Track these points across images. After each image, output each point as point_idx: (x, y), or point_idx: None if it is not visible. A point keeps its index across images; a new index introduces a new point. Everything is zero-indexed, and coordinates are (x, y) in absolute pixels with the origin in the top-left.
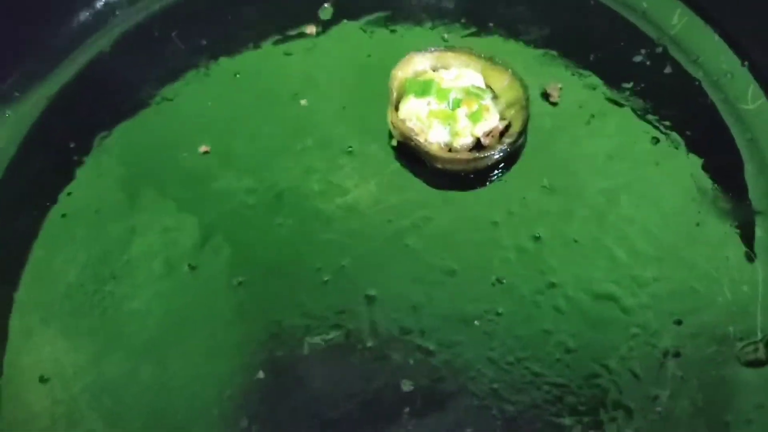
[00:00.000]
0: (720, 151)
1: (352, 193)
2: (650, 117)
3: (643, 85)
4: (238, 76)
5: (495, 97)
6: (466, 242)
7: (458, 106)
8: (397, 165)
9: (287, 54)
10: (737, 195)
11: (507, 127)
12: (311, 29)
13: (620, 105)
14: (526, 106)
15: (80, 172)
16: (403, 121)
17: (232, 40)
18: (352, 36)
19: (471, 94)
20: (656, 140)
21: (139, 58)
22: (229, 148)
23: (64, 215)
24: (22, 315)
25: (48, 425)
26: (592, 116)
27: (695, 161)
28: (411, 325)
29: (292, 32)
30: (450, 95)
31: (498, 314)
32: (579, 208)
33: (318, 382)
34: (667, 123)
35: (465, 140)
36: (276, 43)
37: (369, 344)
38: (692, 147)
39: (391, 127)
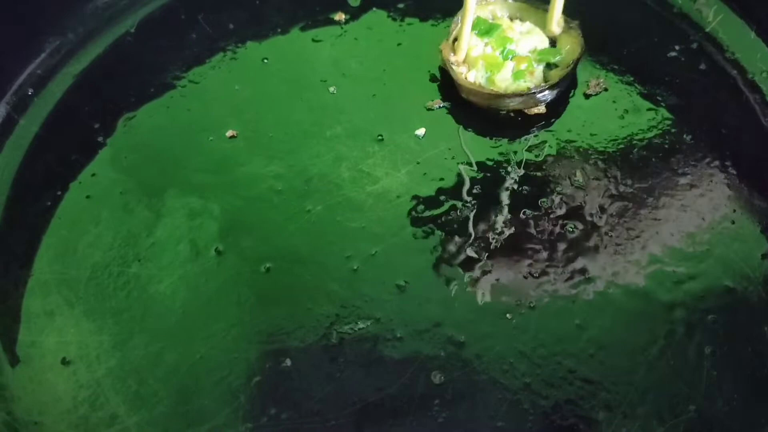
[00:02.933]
0: (755, 149)
1: (383, 182)
2: (684, 113)
3: (677, 81)
4: (265, 61)
5: (554, 65)
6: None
7: (508, 59)
8: (428, 154)
9: (316, 40)
10: None
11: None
12: (340, 16)
13: (654, 101)
14: (571, 67)
15: (104, 153)
16: (451, 48)
17: (259, 25)
18: (381, 24)
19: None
20: (691, 137)
21: (165, 40)
22: (256, 133)
23: (88, 196)
24: (45, 296)
25: (70, 408)
26: (626, 111)
27: (730, 159)
28: (442, 316)
29: (321, 18)
30: (507, 45)
31: (531, 308)
32: (612, 203)
33: (346, 372)
34: (702, 120)
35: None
36: (304, 29)
37: (399, 334)
38: (727, 144)
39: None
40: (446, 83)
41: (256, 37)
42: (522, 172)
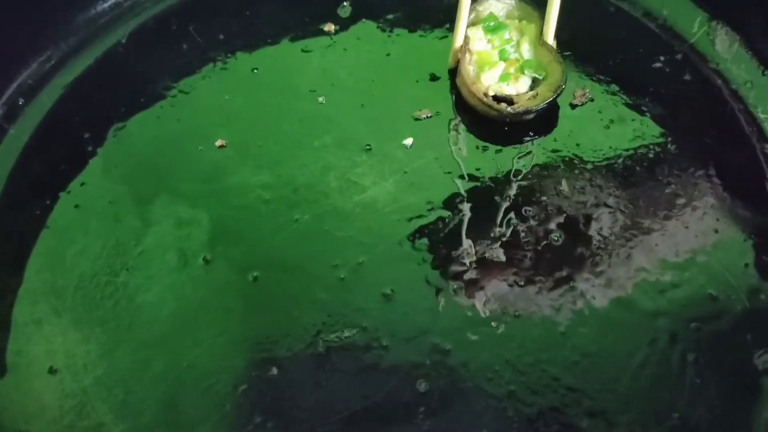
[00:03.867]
0: (739, 158)
1: (370, 191)
2: (669, 123)
3: (662, 92)
4: (255, 71)
5: (543, 78)
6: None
7: (503, 59)
8: (415, 164)
9: (305, 51)
10: (756, 203)
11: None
12: (330, 27)
13: (639, 111)
14: (553, 93)
15: (94, 163)
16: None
17: (250, 35)
18: (370, 34)
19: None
20: (675, 147)
21: (156, 50)
22: (245, 143)
23: (77, 206)
24: (32, 305)
25: (56, 417)
26: (611, 121)
27: (714, 168)
28: (428, 324)
29: (311, 29)
30: (507, 47)
31: (516, 316)
32: (597, 213)
33: (333, 380)
34: (687, 130)
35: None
36: (294, 39)
37: (385, 343)
38: (711, 154)
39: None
40: (434, 94)
41: (246, 48)
42: (509, 181)
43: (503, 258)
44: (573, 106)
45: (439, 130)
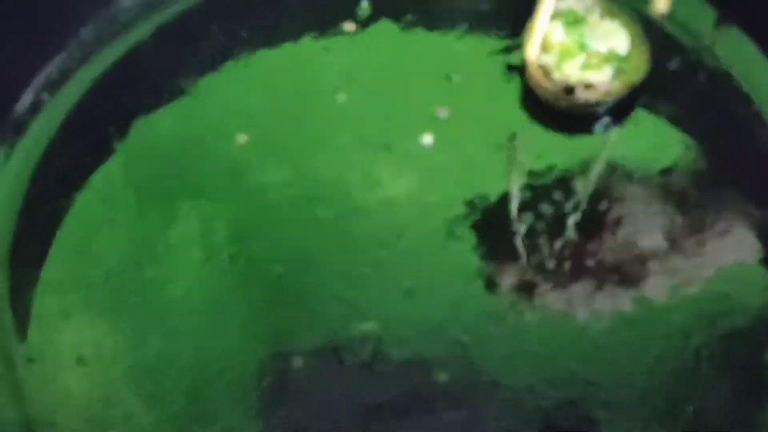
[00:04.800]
0: (751, 160)
1: (390, 188)
2: (684, 125)
3: (677, 94)
4: (277, 69)
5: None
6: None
7: (583, 51)
8: (434, 161)
9: (326, 49)
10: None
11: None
12: (350, 26)
13: (654, 111)
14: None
15: (119, 157)
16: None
17: (271, 34)
18: (390, 34)
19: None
20: (688, 147)
21: (179, 48)
22: (267, 140)
23: (103, 200)
24: (60, 296)
25: (84, 407)
26: (627, 123)
27: (726, 169)
28: (448, 318)
29: (331, 28)
30: (585, 39)
31: (534, 310)
32: (614, 211)
33: (355, 373)
34: (700, 131)
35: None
36: (315, 38)
37: (405, 336)
38: (724, 155)
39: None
40: (452, 93)
41: (267, 46)
42: (526, 179)
43: (521, 254)
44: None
45: (459, 128)
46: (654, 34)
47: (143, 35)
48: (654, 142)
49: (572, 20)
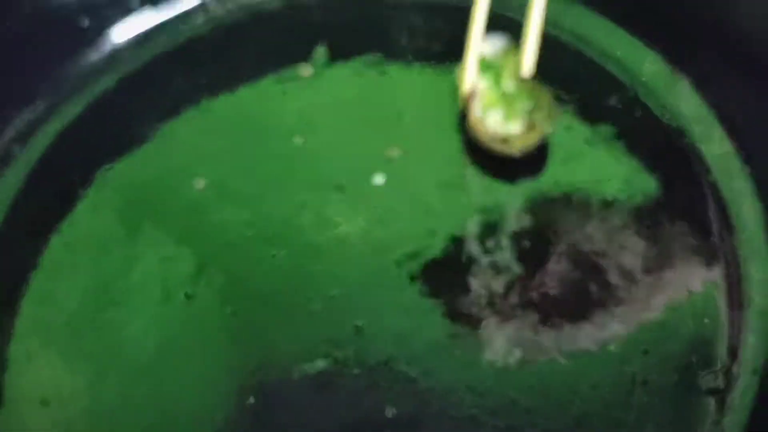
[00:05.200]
0: (687, 192)
1: (343, 227)
2: (622, 159)
3: (616, 128)
4: (236, 113)
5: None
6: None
7: (502, 99)
8: (386, 200)
9: (284, 93)
10: (702, 232)
11: None
12: (306, 70)
13: (594, 146)
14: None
15: (83, 204)
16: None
17: (231, 80)
18: (344, 77)
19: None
20: (627, 181)
21: (143, 95)
22: (226, 183)
23: (66, 244)
24: (23, 339)
25: None
26: (569, 157)
27: (663, 201)
28: (397, 353)
29: (289, 73)
30: (503, 85)
31: (479, 344)
32: (555, 243)
33: (307, 408)
34: (638, 164)
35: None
36: (273, 83)
37: (356, 372)
38: (661, 188)
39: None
40: (404, 132)
41: (227, 91)
42: (474, 216)
43: (469, 289)
44: None
45: (410, 168)
46: (595, 73)
47: (107, 86)
48: (595, 175)
49: (485, 66)
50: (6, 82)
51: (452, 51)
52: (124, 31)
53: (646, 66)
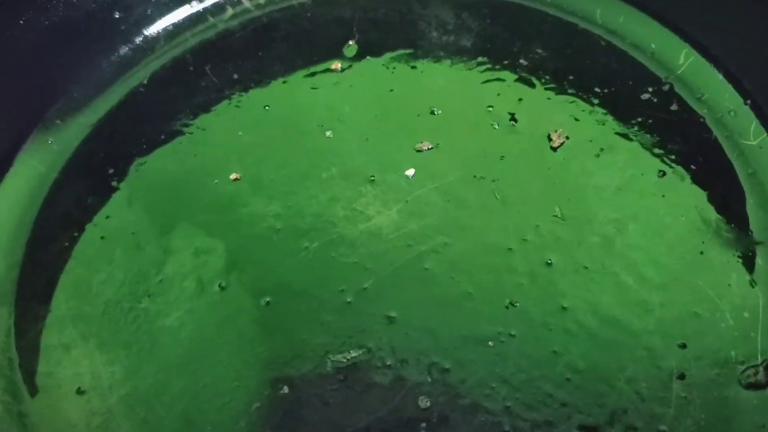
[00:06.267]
0: (723, 184)
1: (375, 220)
2: (657, 151)
3: (650, 121)
4: (267, 108)
5: None
6: (481, 267)
7: None
8: (416, 193)
9: (314, 88)
10: (739, 225)
11: None
12: (337, 65)
13: (629, 139)
14: None
15: (118, 196)
16: None
17: (261, 75)
18: (374, 72)
19: None
20: (663, 173)
21: (175, 90)
22: (258, 176)
23: (102, 237)
24: (61, 330)
25: None
26: (602, 149)
27: (700, 193)
28: (429, 344)
29: (319, 68)
30: None
31: (511, 336)
32: (589, 236)
33: (340, 398)
34: (673, 157)
35: None
36: (303, 78)
37: (388, 362)
38: (697, 180)
39: None
40: (434, 127)
41: (258, 86)
42: (503, 206)
43: (499, 280)
44: (554, 149)
45: (439, 161)
46: (629, 66)
47: (140, 81)
48: (629, 168)
49: None
50: (42, 75)
51: (481, 47)
52: (157, 27)
53: (681, 59)
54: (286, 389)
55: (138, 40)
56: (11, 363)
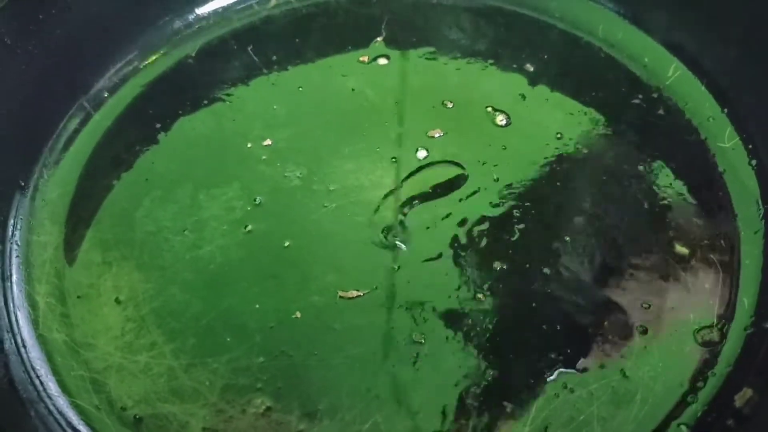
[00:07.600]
0: (701, 180)
1: (388, 188)
2: (643, 149)
3: (638, 123)
4: (300, 88)
5: None
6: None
7: None
8: (428, 171)
9: (343, 75)
10: (708, 211)
11: None
12: (364, 57)
13: (619, 136)
14: None
15: (163, 147)
16: None
17: (298, 59)
18: (397, 66)
19: None
20: (646, 169)
21: (219, 64)
22: (288, 144)
23: (146, 179)
24: (105, 250)
25: (118, 335)
26: (593, 144)
27: (679, 187)
28: (431, 298)
29: (349, 58)
30: None
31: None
32: (575, 218)
33: (344, 327)
34: (658, 155)
35: None
36: (334, 65)
37: (394, 301)
38: (678, 176)
39: None
40: (446, 117)
41: (294, 68)
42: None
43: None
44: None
45: (448, 146)
46: (623, 75)
47: (188, 53)
48: (617, 163)
49: None
50: (103, 40)
51: (493, 51)
52: (208, 8)
53: (670, 71)
54: (298, 314)
55: (191, 17)
56: (58, 272)
